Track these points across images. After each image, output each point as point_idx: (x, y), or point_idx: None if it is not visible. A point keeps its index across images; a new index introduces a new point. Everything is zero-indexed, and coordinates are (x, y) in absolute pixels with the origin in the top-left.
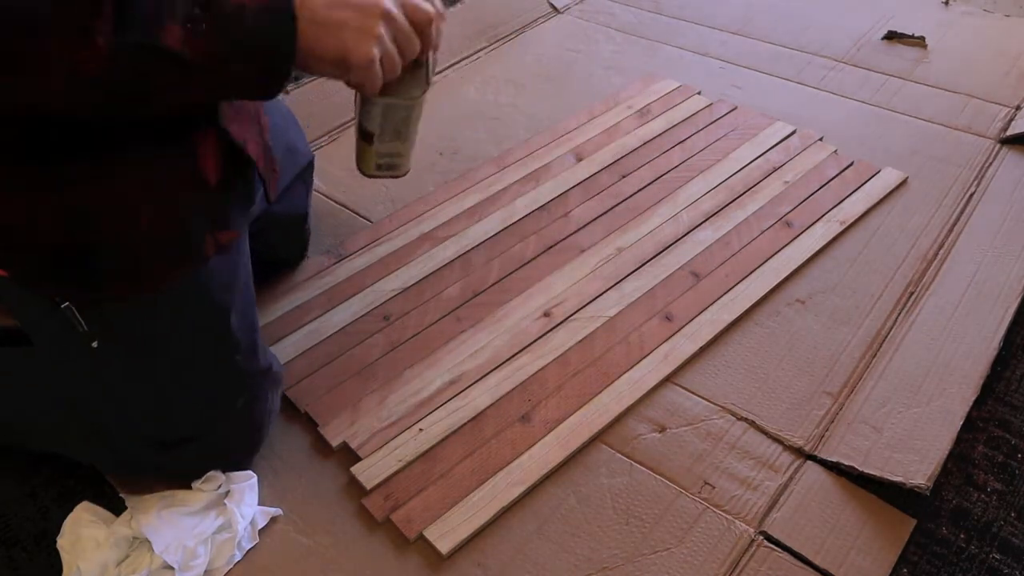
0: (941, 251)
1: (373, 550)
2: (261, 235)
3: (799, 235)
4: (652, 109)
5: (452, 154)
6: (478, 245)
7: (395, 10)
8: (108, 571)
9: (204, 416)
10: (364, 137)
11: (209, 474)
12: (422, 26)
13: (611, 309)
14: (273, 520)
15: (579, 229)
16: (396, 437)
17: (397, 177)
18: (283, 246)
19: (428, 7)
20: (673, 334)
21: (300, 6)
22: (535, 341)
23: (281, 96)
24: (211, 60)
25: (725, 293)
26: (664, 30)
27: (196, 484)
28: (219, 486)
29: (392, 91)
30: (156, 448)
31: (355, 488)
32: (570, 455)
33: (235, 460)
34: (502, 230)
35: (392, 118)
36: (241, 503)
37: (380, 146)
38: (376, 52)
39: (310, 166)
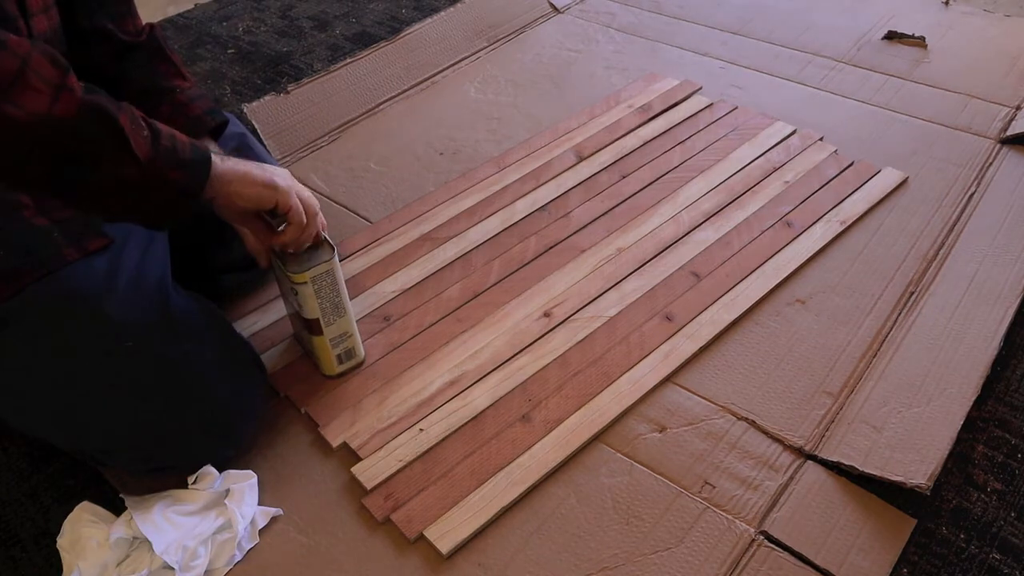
0: (941, 251)
1: (373, 550)
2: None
3: (799, 235)
4: (653, 105)
5: (452, 154)
6: (478, 246)
7: (295, 183)
8: (108, 571)
9: (115, 409)
10: (312, 330)
11: (202, 471)
12: (314, 209)
13: (611, 309)
14: (273, 520)
15: (579, 229)
16: (396, 437)
17: (359, 366)
18: (222, 247)
19: (311, 197)
20: (673, 334)
21: (234, 162)
22: (535, 341)
23: (280, 97)
24: (147, 157)
25: (725, 293)
26: (664, 30)
27: (191, 482)
28: (213, 484)
29: (311, 262)
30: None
31: (355, 488)
32: (570, 455)
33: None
34: (502, 230)
35: (323, 290)
36: (241, 503)
37: (329, 329)
38: (294, 188)
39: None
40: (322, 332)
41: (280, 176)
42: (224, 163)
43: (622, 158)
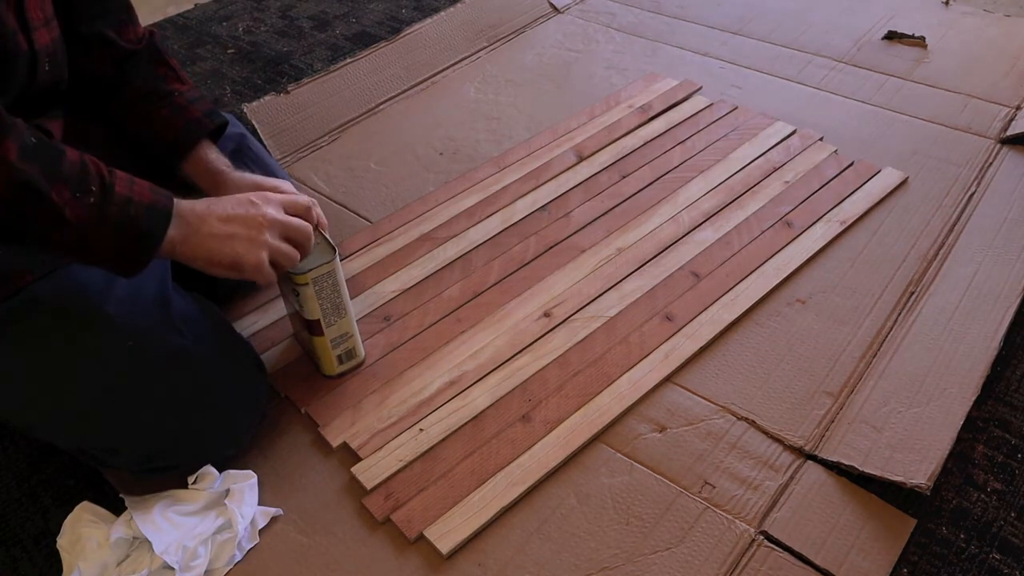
0: (941, 251)
1: (373, 550)
2: None
3: (799, 235)
4: (653, 105)
5: (452, 154)
6: (478, 246)
7: (278, 215)
8: (108, 571)
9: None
10: (314, 331)
11: (202, 471)
12: (305, 214)
13: (611, 309)
14: (273, 520)
15: (579, 229)
16: (396, 437)
17: (359, 366)
18: None
19: (303, 198)
20: (673, 334)
21: (200, 221)
22: (535, 341)
23: (280, 97)
24: (88, 225)
25: (725, 293)
26: (664, 30)
27: (190, 482)
28: (213, 484)
29: (312, 264)
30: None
31: (355, 488)
32: (570, 455)
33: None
34: (502, 230)
35: (324, 291)
36: (241, 503)
37: (330, 330)
38: (263, 256)
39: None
40: (323, 333)
41: (247, 248)
42: (188, 240)
43: (622, 158)
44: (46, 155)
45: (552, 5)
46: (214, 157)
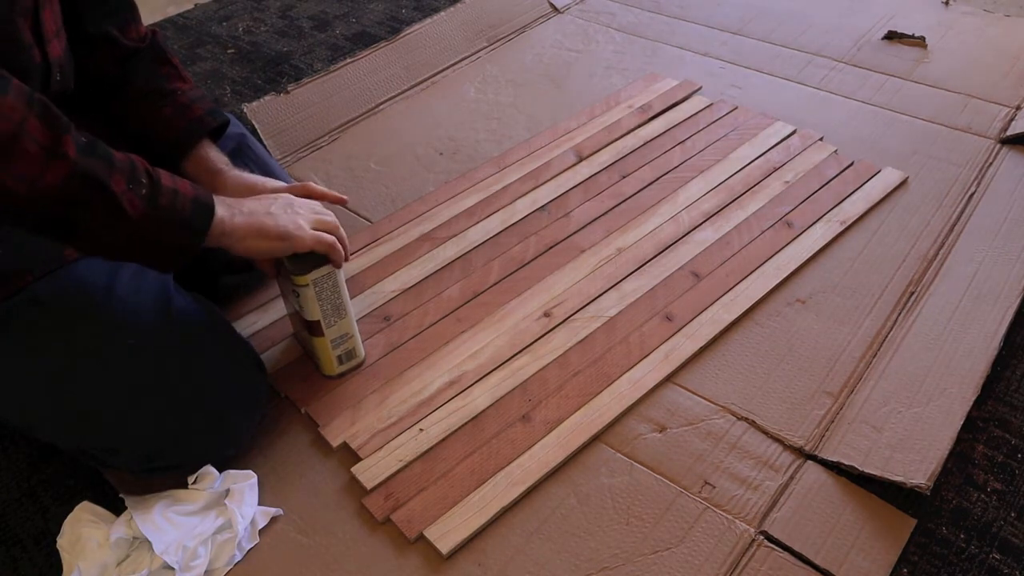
0: (941, 251)
1: (373, 550)
2: None
3: (799, 235)
4: (653, 105)
5: (452, 154)
6: (478, 246)
7: (302, 203)
8: (108, 571)
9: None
10: (313, 331)
11: (202, 471)
12: (336, 231)
13: (611, 309)
14: (273, 520)
15: (579, 229)
16: (396, 437)
17: (359, 366)
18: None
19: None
20: (673, 334)
21: (238, 203)
22: (535, 341)
23: (280, 97)
24: (142, 217)
25: (725, 293)
26: (664, 30)
27: (190, 482)
28: (213, 484)
29: (313, 265)
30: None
31: (355, 488)
32: (570, 455)
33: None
34: (502, 230)
35: (325, 292)
36: (241, 503)
37: (330, 331)
38: (304, 224)
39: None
40: (323, 334)
41: (290, 220)
42: (235, 218)
43: (622, 158)
44: (100, 150)
45: (552, 5)
46: (214, 156)
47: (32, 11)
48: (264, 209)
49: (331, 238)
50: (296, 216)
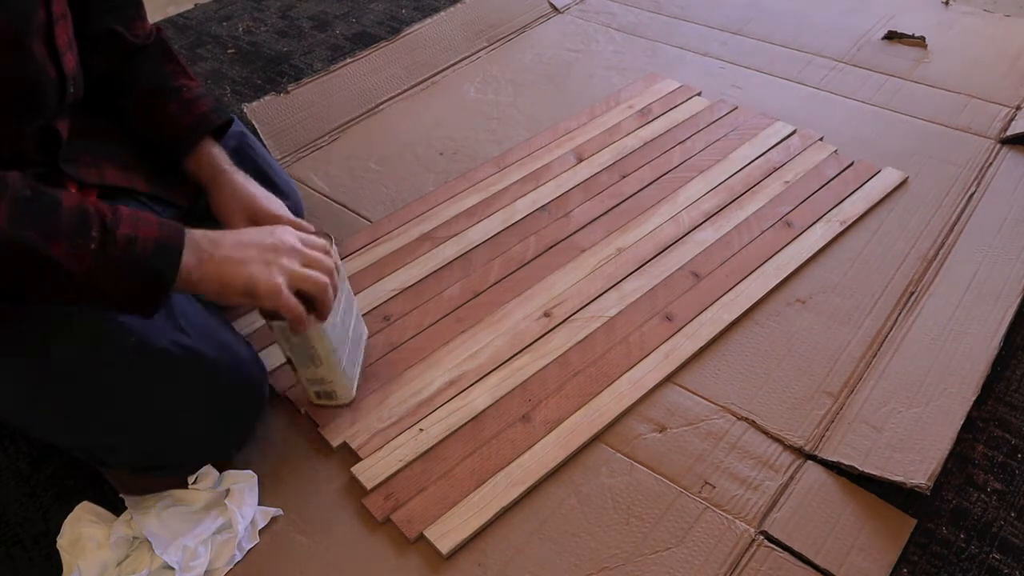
0: (941, 251)
1: (373, 550)
2: None
3: (799, 235)
4: (652, 109)
5: (452, 154)
6: (478, 245)
7: (296, 243)
8: (108, 571)
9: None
10: (289, 363)
11: (202, 471)
12: (323, 251)
13: (611, 309)
14: (273, 520)
15: (579, 229)
16: (396, 437)
17: (341, 406)
18: None
19: (318, 240)
20: (673, 334)
21: (214, 246)
22: (535, 341)
23: (280, 97)
24: (90, 273)
25: (725, 293)
26: (664, 30)
27: (190, 482)
28: (213, 484)
29: (275, 315)
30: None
31: (355, 488)
32: (570, 455)
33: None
34: (502, 230)
35: (293, 342)
36: (241, 503)
37: (302, 371)
38: (279, 280)
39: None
40: (295, 371)
41: (263, 274)
42: (203, 265)
43: (622, 158)
44: (41, 209)
45: (552, 5)
46: (218, 155)
47: (46, 27)
48: (240, 255)
49: (298, 309)
50: (273, 269)
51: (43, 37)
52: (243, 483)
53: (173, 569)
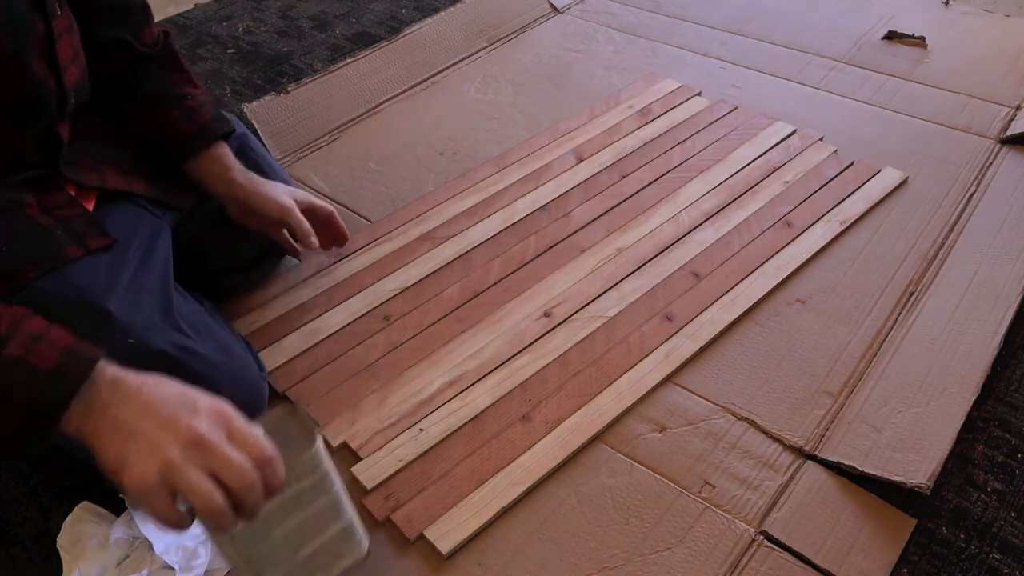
0: (941, 251)
1: (373, 550)
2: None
3: (799, 235)
4: (652, 109)
5: (452, 154)
6: (478, 245)
7: (212, 435)
8: (108, 571)
9: None
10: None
11: None
12: (260, 462)
13: (611, 309)
14: None
15: (579, 229)
16: (396, 437)
17: None
18: (224, 245)
19: (265, 446)
20: (673, 334)
21: (115, 399)
22: (535, 341)
23: (280, 97)
24: None
25: (725, 293)
26: (664, 30)
27: None
28: None
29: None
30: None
31: (355, 488)
32: (570, 455)
33: None
34: (502, 230)
35: (222, 549)
36: None
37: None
38: (153, 475)
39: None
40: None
41: (143, 457)
42: (89, 417)
43: (622, 158)
44: None
45: (552, 5)
46: (220, 155)
47: (46, 42)
48: (131, 425)
49: (167, 515)
50: (156, 459)
51: (43, 52)
52: None
53: (173, 569)
